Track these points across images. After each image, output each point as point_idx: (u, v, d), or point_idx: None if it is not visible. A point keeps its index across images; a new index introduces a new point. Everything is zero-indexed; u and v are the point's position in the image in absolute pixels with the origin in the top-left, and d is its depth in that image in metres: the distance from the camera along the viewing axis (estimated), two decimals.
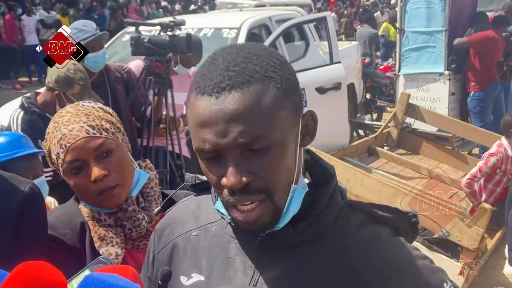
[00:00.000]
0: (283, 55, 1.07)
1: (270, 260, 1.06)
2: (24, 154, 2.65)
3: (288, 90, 1.00)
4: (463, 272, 4.15)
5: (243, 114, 0.94)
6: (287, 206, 1.01)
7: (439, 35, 7.33)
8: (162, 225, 1.26)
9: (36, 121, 3.33)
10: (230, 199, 0.99)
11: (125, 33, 6.24)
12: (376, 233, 1.07)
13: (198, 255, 1.14)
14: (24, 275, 0.86)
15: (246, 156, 0.96)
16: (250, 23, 6.04)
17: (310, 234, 1.05)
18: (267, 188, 0.98)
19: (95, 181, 1.47)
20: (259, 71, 0.97)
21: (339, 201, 1.09)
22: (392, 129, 6.53)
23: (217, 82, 0.96)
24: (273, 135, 0.96)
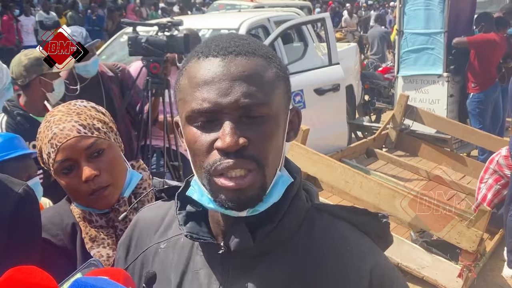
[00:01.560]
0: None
1: (235, 272, 1.03)
2: (16, 156, 2.62)
3: (285, 75, 1.01)
4: (462, 275, 4.13)
5: (249, 76, 0.94)
6: (270, 190, 0.98)
7: (438, 36, 7.32)
8: (128, 236, 1.21)
9: (21, 123, 3.32)
10: (221, 163, 0.94)
11: (123, 34, 6.23)
12: (340, 236, 1.04)
13: (167, 270, 1.10)
14: (14, 280, 0.85)
15: (243, 122, 0.94)
16: (249, 24, 6.02)
17: (270, 243, 1.02)
18: (260, 158, 0.95)
19: (86, 181, 1.45)
20: (261, 49, 0.99)
21: (303, 205, 1.06)
22: (391, 130, 6.52)
23: (223, 46, 0.97)
24: (272, 106, 0.96)
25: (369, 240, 1.06)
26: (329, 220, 1.06)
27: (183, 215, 1.07)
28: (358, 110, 8.67)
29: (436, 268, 4.28)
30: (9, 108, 3.40)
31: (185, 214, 1.07)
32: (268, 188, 0.98)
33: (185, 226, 1.05)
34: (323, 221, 1.06)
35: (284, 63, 1.09)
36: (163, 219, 1.17)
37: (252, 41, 1.01)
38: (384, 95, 9.34)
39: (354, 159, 6.03)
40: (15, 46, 14.46)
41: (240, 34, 1.03)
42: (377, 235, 1.08)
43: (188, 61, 1.01)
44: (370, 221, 1.07)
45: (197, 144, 0.96)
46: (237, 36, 1.01)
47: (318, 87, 5.91)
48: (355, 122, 7.91)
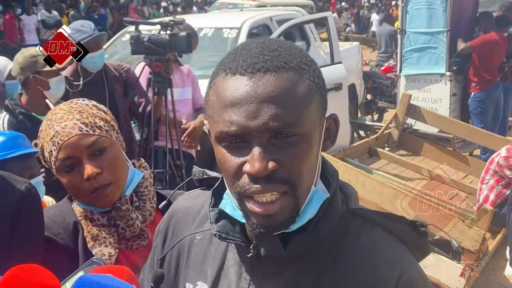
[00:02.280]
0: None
1: (264, 274, 1.02)
2: (18, 155, 2.62)
3: (320, 86, 0.97)
4: (464, 274, 4.12)
5: (277, 97, 0.90)
6: (304, 208, 0.96)
7: (440, 36, 7.30)
8: (165, 225, 1.20)
9: (23, 121, 3.32)
10: (250, 187, 0.91)
11: (126, 33, 6.23)
12: (372, 242, 1.01)
13: (204, 262, 1.10)
14: (17, 279, 0.84)
15: (273, 143, 0.91)
16: (251, 23, 6.02)
17: (304, 249, 1.00)
18: (291, 180, 0.92)
19: (88, 179, 1.45)
20: (293, 60, 0.94)
21: (338, 210, 1.03)
22: (393, 130, 6.51)
23: (251, 63, 0.92)
24: (304, 125, 0.92)
25: (402, 247, 1.03)
26: (363, 225, 1.03)
27: (216, 212, 1.06)
28: (360, 109, 8.66)
29: (439, 267, 4.27)
30: (11, 107, 3.40)
31: (217, 211, 1.06)
32: (301, 208, 0.96)
33: (216, 224, 1.04)
34: (357, 227, 1.03)
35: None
36: (200, 210, 1.16)
37: (284, 50, 0.95)
38: (386, 94, 9.32)
39: (356, 158, 6.02)
40: (17, 45, 14.48)
41: (272, 42, 0.98)
42: (414, 245, 1.04)
43: (216, 74, 0.97)
44: (406, 229, 1.03)
45: (226, 165, 0.95)
46: (267, 46, 0.96)
47: None
48: (357, 121, 7.90)
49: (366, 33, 20.61)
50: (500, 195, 5.10)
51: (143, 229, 1.55)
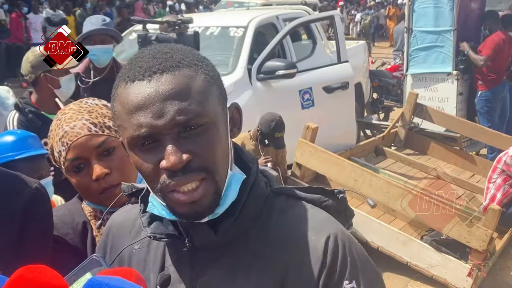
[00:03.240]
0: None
1: (202, 265, 1.06)
2: (27, 156, 2.62)
3: (215, 78, 1.02)
4: (472, 274, 4.11)
5: (178, 93, 0.95)
6: (224, 192, 1.01)
7: (447, 34, 7.28)
8: (103, 242, 1.23)
9: (33, 120, 3.32)
10: (170, 182, 0.96)
11: (132, 31, 6.24)
12: (298, 214, 1.07)
13: (145, 270, 1.12)
14: (25, 279, 0.84)
15: (183, 137, 0.96)
16: (257, 21, 6.01)
17: (234, 233, 1.05)
18: (207, 166, 0.97)
19: (97, 180, 1.45)
20: (186, 59, 1.00)
21: (262, 192, 1.08)
22: (400, 129, 6.50)
23: (147, 67, 0.97)
24: (208, 115, 0.97)
25: (324, 214, 1.08)
26: (287, 201, 1.09)
27: (146, 216, 1.10)
28: (367, 108, 8.64)
29: (446, 267, 4.26)
30: (21, 105, 3.40)
31: (148, 215, 1.10)
32: (222, 191, 1.01)
33: (149, 227, 1.08)
34: (282, 204, 1.09)
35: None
36: (134, 221, 1.19)
37: (175, 51, 1.01)
38: (392, 93, 9.30)
39: (362, 157, 6.01)
40: (23, 43, 14.52)
41: (161, 46, 1.03)
42: (336, 211, 1.10)
43: (117, 86, 1.01)
44: (326, 197, 1.10)
45: (143, 167, 0.99)
46: (158, 51, 1.01)
47: (327, 85, 5.89)
48: (363, 120, 7.89)
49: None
50: (507, 194, 5.08)
51: None
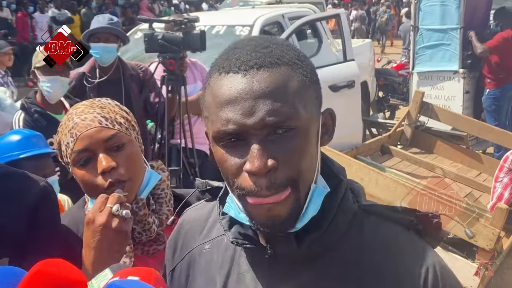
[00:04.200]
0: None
1: (280, 277, 1.01)
2: (31, 155, 2.62)
3: (313, 80, 0.97)
4: (479, 273, 4.09)
5: (272, 92, 0.90)
6: (306, 206, 0.95)
7: (453, 32, 7.26)
8: (174, 238, 1.21)
9: (39, 120, 3.34)
10: (253, 189, 0.91)
11: (138, 30, 6.24)
12: (392, 239, 1.01)
13: (212, 270, 1.09)
14: (43, 274, 0.84)
15: (271, 140, 0.91)
16: (263, 20, 6.01)
17: (319, 248, 0.99)
18: (292, 177, 0.92)
19: (103, 173, 1.40)
20: (286, 56, 0.95)
21: (350, 207, 1.02)
22: (406, 127, 6.47)
23: (244, 60, 0.93)
24: (301, 118, 0.92)
25: (421, 240, 1.03)
26: (377, 222, 1.03)
27: (227, 219, 1.05)
28: (372, 106, 8.63)
29: (453, 266, 4.19)
30: (26, 105, 3.42)
31: (228, 218, 1.05)
32: (304, 205, 0.95)
33: (230, 231, 1.04)
34: (372, 224, 1.02)
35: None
36: (207, 219, 1.16)
37: (276, 46, 0.96)
38: (398, 91, 9.28)
39: (369, 156, 5.99)
40: (29, 42, 14.57)
41: (263, 39, 0.99)
42: (428, 234, 1.04)
43: (210, 75, 0.98)
44: (420, 221, 1.03)
45: (226, 164, 0.94)
46: (259, 43, 0.96)
47: (332, 84, 5.88)
48: (369, 119, 7.87)
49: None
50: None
51: (159, 233, 1.51)
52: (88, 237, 1.32)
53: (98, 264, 1.27)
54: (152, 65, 4.28)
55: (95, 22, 3.87)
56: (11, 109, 4.40)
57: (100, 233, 1.29)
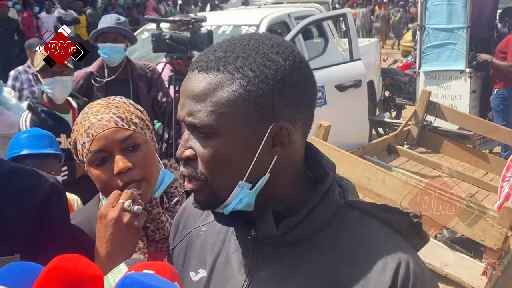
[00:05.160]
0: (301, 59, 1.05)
1: (263, 259, 1.08)
2: (30, 153, 2.64)
3: (255, 93, 0.98)
4: (486, 272, 4.08)
5: (195, 95, 0.99)
6: (230, 200, 1.03)
7: (460, 32, 7.25)
8: (177, 219, 1.31)
9: (46, 119, 3.35)
10: (180, 167, 1.06)
11: (144, 30, 6.26)
12: (371, 234, 1.05)
13: (205, 251, 1.18)
14: (60, 269, 0.85)
15: (194, 135, 1.02)
16: (269, 20, 6.01)
17: (298, 234, 1.05)
18: (201, 171, 1.02)
19: (119, 174, 1.42)
20: (236, 64, 0.99)
21: (334, 200, 1.06)
22: (413, 127, 6.46)
23: (197, 60, 1.03)
24: (216, 127, 0.99)
25: (398, 237, 1.06)
26: (360, 217, 1.07)
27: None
28: (378, 106, 8.62)
29: (460, 265, 4.24)
30: (33, 105, 3.43)
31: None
32: (222, 197, 1.04)
33: (217, 213, 1.11)
34: (354, 218, 1.07)
35: (305, 59, 1.05)
36: None
37: (238, 53, 1.00)
38: (404, 91, 9.26)
39: (375, 155, 5.99)
40: None
41: (242, 41, 1.02)
42: (408, 235, 1.08)
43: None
44: (401, 220, 1.07)
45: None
46: (227, 46, 1.02)
47: (339, 83, 5.88)
48: (376, 119, 7.86)
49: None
50: None
51: None
52: (100, 231, 1.35)
53: (110, 257, 1.32)
54: (159, 65, 4.29)
55: (103, 22, 3.89)
56: (17, 109, 4.42)
57: (112, 227, 1.33)
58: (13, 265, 0.91)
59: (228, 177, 1.03)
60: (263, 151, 1.01)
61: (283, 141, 1.03)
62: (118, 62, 3.90)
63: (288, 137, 1.02)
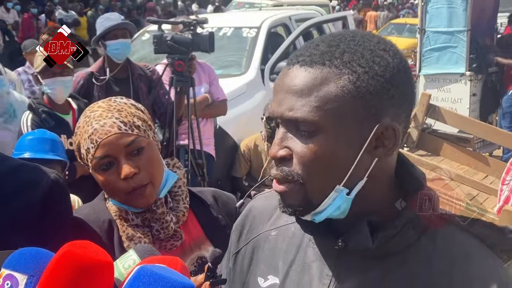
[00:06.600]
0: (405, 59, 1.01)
1: (348, 270, 1.01)
2: (29, 158, 2.65)
3: (365, 89, 0.93)
4: None
5: (298, 90, 0.94)
6: (324, 205, 0.97)
7: (460, 35, 7.25)
8: (241, 221, 1.23)
9: (46, 120, 3.35)
10: (271, 169, 0.99)
11: (145, 32, 6.26)
12: (466, 252, 0.99)
13: (275, 257, 1.11)
14: (71, 255, 0.85)
15: (294, 134, 0.96)
16: (270, 22, 6.02)
17: (391, 247, 0.99)
18: (297, 171, 0.95)
19: (125, 179, 1.45)
20: (343, 58, 0.94)
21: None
22: (412, 130, 6.45)
23: (300, 54, 0.97)
24: (321, 123, 0.93)
25: (495, 256, 1.01)
26: (452, 232, 1.01)
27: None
28: None
29: None
30: (34, 106, 3.43)
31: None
32: (316, 201, 0.97)
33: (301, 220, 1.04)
34: (446, 232, 1.01)
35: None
36: (276, 208, 1.14)
37: (344, 48, 0.95)
38: None
39: None
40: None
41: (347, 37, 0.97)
42: (502, 250, 1.02)
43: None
44: (495, 235, 1.02)
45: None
46: (331, 40, 0.97)
47: None
48: None
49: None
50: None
51: (177, 229, 1.55)
52: None
53: None
54: (158, 66, 4.30)
55: (106, 21, 3.89)
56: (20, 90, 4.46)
57: None
58: (24, 251, 0.92)
59: (326, 180, 0.96)
60: (365, 152, 0.95)
61: (386, 143, 0.97)
62: (125, 58, 3.93)
63: (393, 138, 0.97)
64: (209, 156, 4.33)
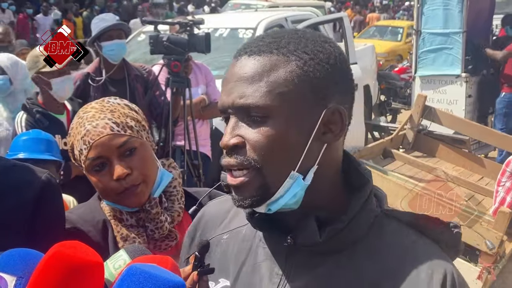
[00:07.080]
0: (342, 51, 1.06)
1: (297, 268, 1.03)
2: (23, 158, 2.64)
3: (312, 74, 0.97)
4: (481, 277, 4.09)
5: (248, 77, 0.96)
6: (280, 192, 0.97)
7: (456, 36, 7.27)
8: (194, 227, 1.24)
9: (40, 120, 3.34)
10: (223, 159, 0.99)
11: (141, 33, 6.25)
12: (412, 247, 1.02)
13: (226, 260, 1.11)
14: (61, 255, 0.85)
15: (244, 121, 0.97)
16: (266, 23, 6.02)
17: (339, 243, 1.00)
18: (253, 157, 0.96)
19: (118, 180, 1.45)
20: (289, 47, 0.98)
21: (373, 209, 1.03)
22: (408, 131, 6.47)
23: (246, 46, 1.00)
24: (272, 108, 0.95)
25: (438, 248, 1.04)
26: (398, 226, 1.04)
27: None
28: (374, 110, 8.63)
29: None
30: (28, 106, 3.42)
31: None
32: (272, 189, 0.97)
33: (252, 218, 1.06)
34: (392, 227, 1.04)
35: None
36: (228, 212, 1.18)
37: (289, 39, 0.99)
38: (400, 95, 9.30)
39: (371, 159, 5.99)
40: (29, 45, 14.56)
41: (291, 31, 1.02)
42: (447, 245, 1.05)
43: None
44: (440, 230, 1.04)
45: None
46: (276, 33, 1.01)
47: None
48: (371, 123, 7.88)
49: None
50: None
51: (171, 230, 1.55)
52: None
53: None
54: (154, 67, 4.30)
55: (101, 22, 3.89)
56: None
57: None
58: (13, 252, 0.91)
59: (281, 164, 0.97)
60: (315, 139, 0.97)
61: (333, 128, 0.99)
62: (121, 59, 3.92)
63: (340, 123, 1.00)
64: (205, 157, 4.33)
